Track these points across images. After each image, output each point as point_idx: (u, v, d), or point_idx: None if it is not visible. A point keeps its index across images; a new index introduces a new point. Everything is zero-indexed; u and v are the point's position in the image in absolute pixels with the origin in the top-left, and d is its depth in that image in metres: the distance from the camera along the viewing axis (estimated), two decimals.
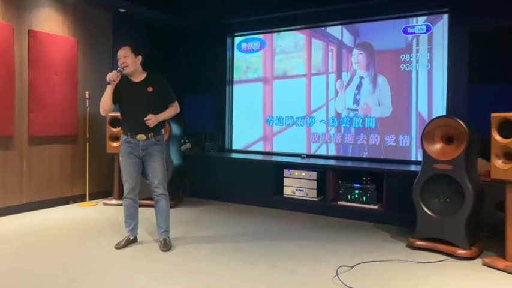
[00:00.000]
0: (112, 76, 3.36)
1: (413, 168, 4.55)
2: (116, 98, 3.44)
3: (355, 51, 5.30)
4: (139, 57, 3.47)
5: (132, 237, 3.60)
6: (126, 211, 3.56)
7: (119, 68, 3.41)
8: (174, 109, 3.58)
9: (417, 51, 4.91)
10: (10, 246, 3.52)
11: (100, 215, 4.67)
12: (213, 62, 6.26)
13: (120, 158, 3.52)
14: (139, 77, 3.49)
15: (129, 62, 3.39)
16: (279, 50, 5.86)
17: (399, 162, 4.92)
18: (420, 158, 4.62)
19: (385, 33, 5.11)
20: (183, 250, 3.48)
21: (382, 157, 5.09)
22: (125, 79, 3.46)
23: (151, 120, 3.38)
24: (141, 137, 3.43)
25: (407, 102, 4.98)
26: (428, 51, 4.85)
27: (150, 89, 3.45)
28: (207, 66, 6.27)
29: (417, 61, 4.91)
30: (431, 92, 4.83)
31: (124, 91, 3.44)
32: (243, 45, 6.18)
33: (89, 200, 5.22)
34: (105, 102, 3.41)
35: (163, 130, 3.59)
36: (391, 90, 5.07)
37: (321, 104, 5.54)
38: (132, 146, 3.45)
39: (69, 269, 3.02)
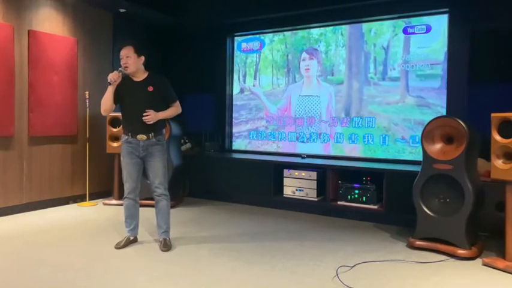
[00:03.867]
0: (113, 77, 3.36)
1: (413, 168, 4.55)
2: (117, 98, 3.44)
3: (351, 52, 5.31)
4: (142, 58, 3.46)
5: (132, 238, 3.60)
6: (126, 211, 3.56)
7: (120, 69, 3.41)
8: (175, 109, 3.57)
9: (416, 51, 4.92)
10: (10, 246, 3.52)
11: (100, 215, 4.66)
12: (213, 62, 6.26)
13: (122, 158, 3.52)
14: (141, 76, 3.49)
15: (131, 63, 3.39)
16: (278, 50, 5.86)
17: (399, 162, 4.93)
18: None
19: (385, 33, 5.11)
20: (183, 250, 3.48)
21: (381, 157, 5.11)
22: (126, 79, 3.46)
23: (150, 116, 3.35)
24: (142, 137, 3.42)
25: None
26: (427, 50, 4.85)
27: (150, 89, 3.44)
28: (207, 66, 6.27)
29: (416, 61, 4.91)
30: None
31: (125, 90, 3.44)
32: (243, 45, 6.17)
33: (89, 200, 5.22)
34: (106, 102, 3.41)
35: (164, 130, 3.58)
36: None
37: (315, 104, 5.55)
38: (133, 146, 3.45)
39: (69, 269, 3.02)
